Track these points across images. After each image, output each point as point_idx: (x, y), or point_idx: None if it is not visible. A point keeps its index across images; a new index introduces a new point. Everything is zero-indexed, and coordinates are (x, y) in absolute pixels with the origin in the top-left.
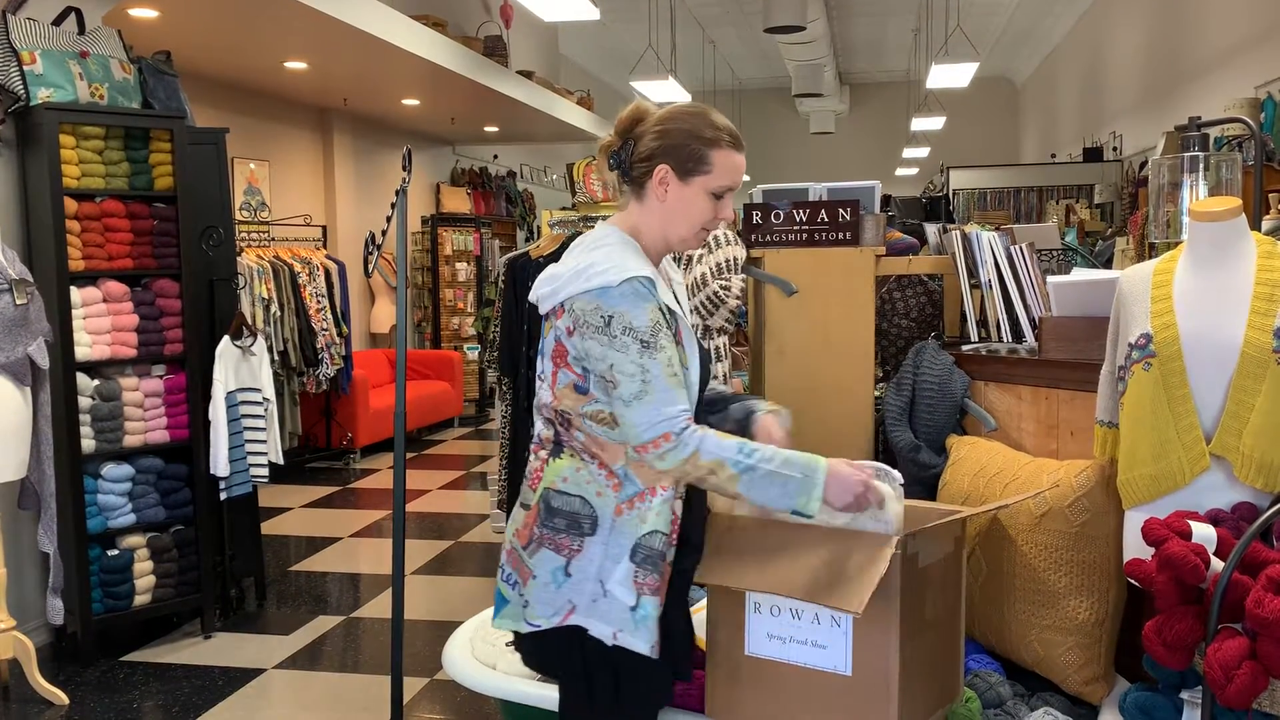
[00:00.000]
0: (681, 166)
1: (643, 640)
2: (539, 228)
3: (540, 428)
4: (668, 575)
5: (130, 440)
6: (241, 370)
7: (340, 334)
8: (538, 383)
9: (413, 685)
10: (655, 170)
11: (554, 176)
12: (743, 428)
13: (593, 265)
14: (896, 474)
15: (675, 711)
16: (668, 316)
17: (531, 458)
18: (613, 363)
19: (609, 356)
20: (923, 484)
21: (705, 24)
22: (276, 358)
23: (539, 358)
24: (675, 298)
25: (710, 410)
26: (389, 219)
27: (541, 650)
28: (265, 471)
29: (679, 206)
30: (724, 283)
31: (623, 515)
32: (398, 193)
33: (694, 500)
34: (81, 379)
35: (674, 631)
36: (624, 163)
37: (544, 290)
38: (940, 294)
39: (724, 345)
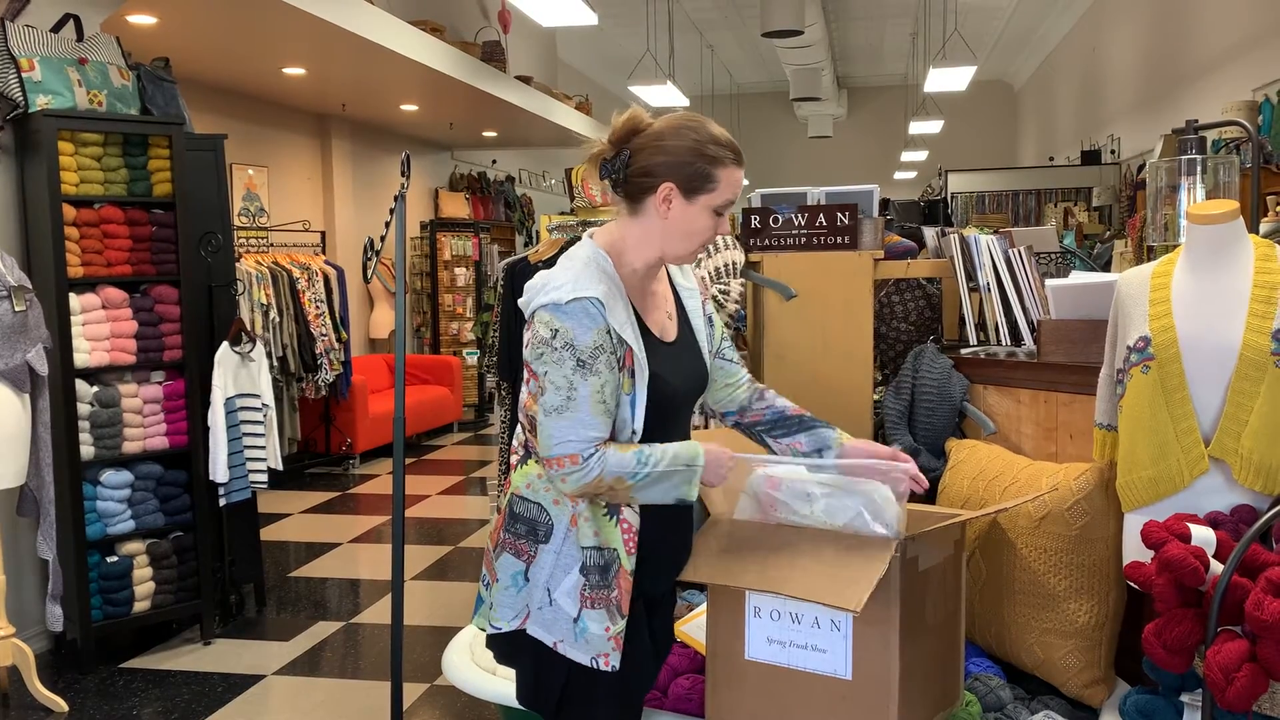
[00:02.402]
0: (687, 185)
1: (583, 653)
2: (538, 232)
3: (518, 431)
4: (626, 589)
5: (129, 447)
6: (240, 376)
7: (339, 339)
8: (523, 386)
9: (413, 691)
10: (660, 187)
11: (552, 181)
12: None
13: (552, 280)
14: (909, 465)
15: (674, 716)
16: (615, 343)
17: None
18: (546, 371)
19: (546, 364)
20: None
21: (703, 29)
22: (275, 363)
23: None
24: (681, 308)
25: (779, 432)
26: (388, 224)
27: (504, 650)
28: (264, 477)
29: (681, 224)
30: (722, 287)
31: (577, 525)
32: (396, 198)
33: (670, 516)
34: (80, 386)
35: (636, 648)
36: (617, 173)
37: (524, 300)
38: (939, 297)
39: None
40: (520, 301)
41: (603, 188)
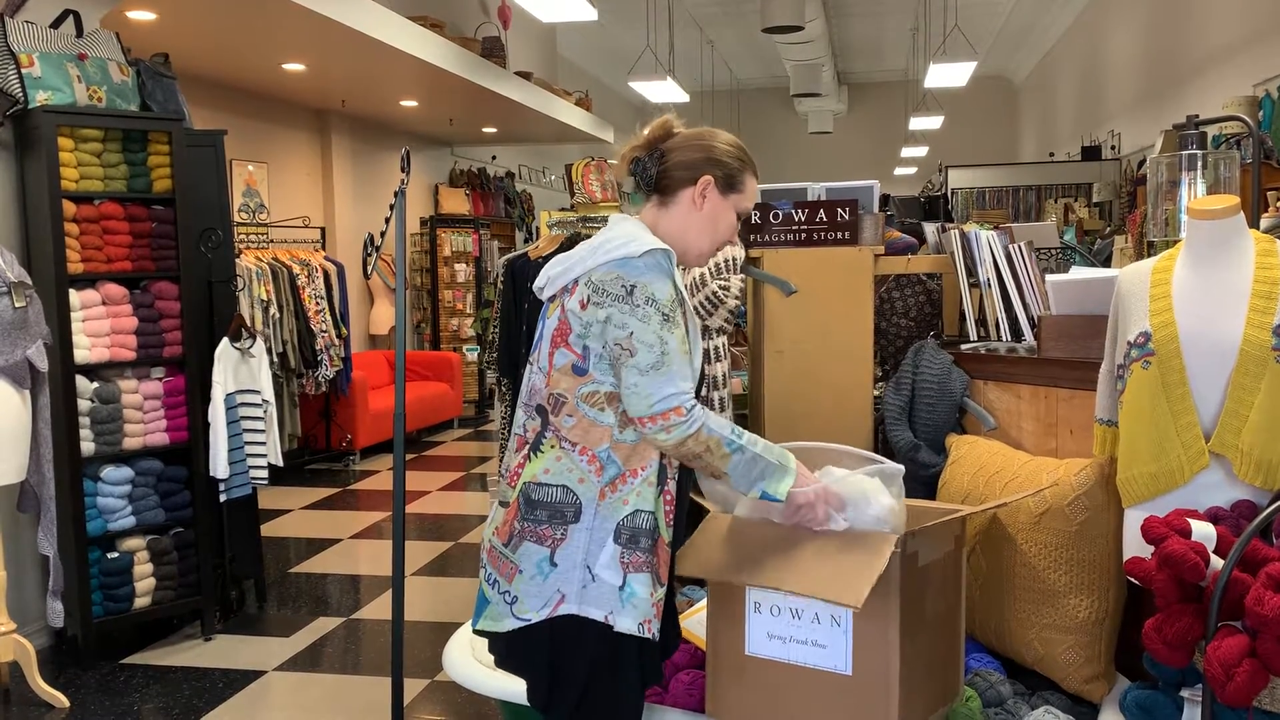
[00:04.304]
0: (726, 180)
1: (630, 619)
2: (537, 228)
3: (524, 420)
4: (665, 554)
5: (130, 443)
6: (240, 372)
7: (339, 335)
8: (529, 371)
9: (413, 687)
10: (700, 178)
11: (552, 177)
12: None
13: (611, 239)
14: (899, 467)
15: (675, 712)
16: (680, 297)
17: (512, 455)
18: (633, 331)
19: (630, 324)
20: (922, 483)
21: (703, 24)
22: (275, 359)
23: (535, 345)
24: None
25: None
26: (388, 220)
27: (519, 649)
28: (265, 473)
29: (710, 217)
30: (723, 283)
31: (606, 499)
32: (396, 194)
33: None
34: (81, 382)
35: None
36: (648, 170)
37: (554, 271)
38: (939, 293)
39: (723, 345)
40: (552, 274)
41: (603, 184)
